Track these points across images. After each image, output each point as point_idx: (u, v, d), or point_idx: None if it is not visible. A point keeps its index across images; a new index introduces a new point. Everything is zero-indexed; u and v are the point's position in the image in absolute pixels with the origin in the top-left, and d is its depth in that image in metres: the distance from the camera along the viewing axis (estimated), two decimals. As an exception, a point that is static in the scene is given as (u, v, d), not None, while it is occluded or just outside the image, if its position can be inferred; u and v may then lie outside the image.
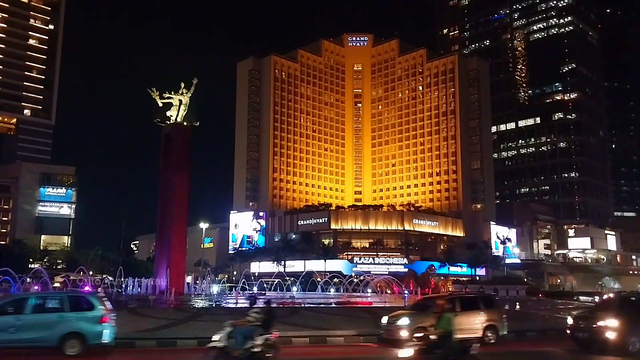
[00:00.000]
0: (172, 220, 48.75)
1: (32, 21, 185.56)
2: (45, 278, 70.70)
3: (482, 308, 25.11)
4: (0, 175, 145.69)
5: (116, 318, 27.30)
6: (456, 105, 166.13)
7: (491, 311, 25.30)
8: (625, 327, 21.48)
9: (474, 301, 26.18)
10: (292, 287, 75.60)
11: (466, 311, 24.11)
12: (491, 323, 24.79)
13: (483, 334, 23.89)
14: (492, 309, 25.53)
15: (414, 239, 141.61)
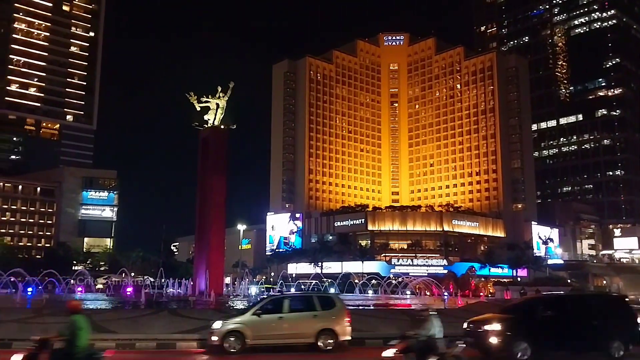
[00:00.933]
0: (210, 222, 49.15)
1: (73, 29, 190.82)
2: (88, 280, 72.38)
3: (318, 309, 21.77)
4: (44, 179, 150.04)
5: (158, 319, 27.54)
6: (495, 103, 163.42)
7: (329, 312, 21.79)
8: (510, 331, 19.14)
9: (306, 301, 22.90)
10: (329, 289, 75.35)
11: (295, 312, 21.54)
12: (328, 327, 21.34)
13: (316, 340, 20.97)
14: (331, 309, 21.93)
15: (454, 240, 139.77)
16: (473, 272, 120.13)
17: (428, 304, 45.89)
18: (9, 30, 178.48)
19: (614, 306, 22.29)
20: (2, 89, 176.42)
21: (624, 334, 20.42)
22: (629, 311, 21.55)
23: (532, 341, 19.13)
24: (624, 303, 22.62)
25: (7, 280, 59.55)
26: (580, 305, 21.79)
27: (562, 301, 22.58)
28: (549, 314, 20.43)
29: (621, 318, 21.05)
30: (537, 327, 19.87)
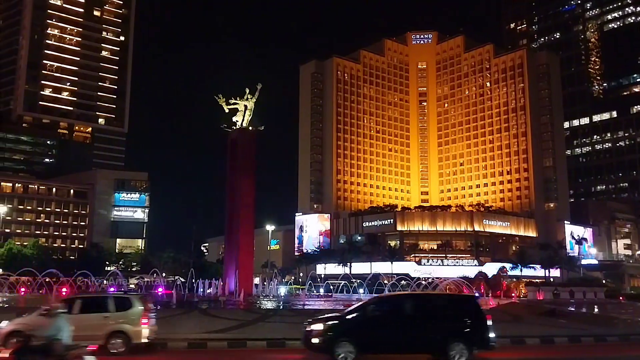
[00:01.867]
0: (239, 222, 49.49)
1: (104, 34, 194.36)
2: (120, 280, 73.51)
3: (111, 310, 20.76)
4: (77, 182, 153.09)
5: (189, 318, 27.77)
6: (526, 101, 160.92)
7: (124, 314, 20.75)
8: (332, 332, 18.69)
9: (99, 302, 21.82)
10: (358, 289, 75.06)
11: (87, 313, 20.54)
12: (120, 329, 20.40)
13: (106, 342, 19.98)
14: (126, 311, 20.85)
15: (484, 240, 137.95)
16: (505, 272, 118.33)
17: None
18: (42, 36, 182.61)
19: (459, 306, 20.39)
20: (36, 93, 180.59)
21: (468, 337, 18.83)
22: (477, 312, 19.54)
23: (356, 342, 18.25)
24: (472, 303, 20.71)
25: (42, 281, 60.89)
26: (418, 305, 20.13)
27: (397, 301, 21.30)
28: (377, 314, 19.46)
29: (467, 319, 19.26)
30: (364, 327, 18.94)
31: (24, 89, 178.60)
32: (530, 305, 44.27)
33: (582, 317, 35.64)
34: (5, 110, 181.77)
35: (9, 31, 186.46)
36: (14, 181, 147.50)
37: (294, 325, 25.51)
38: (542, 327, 29.20)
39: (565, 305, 47.36)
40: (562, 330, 27.70)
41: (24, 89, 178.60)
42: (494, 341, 19.01)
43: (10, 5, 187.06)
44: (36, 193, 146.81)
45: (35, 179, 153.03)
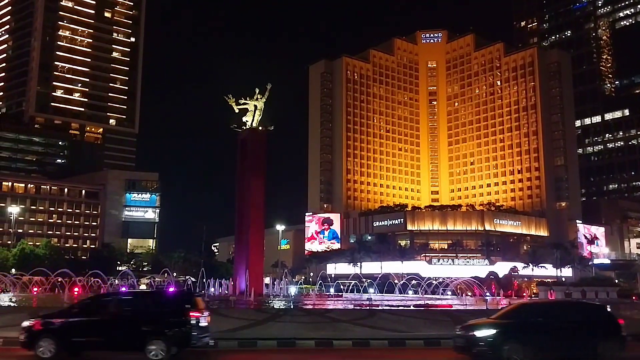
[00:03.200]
0: (249, 222, 49.56)
1: (115, 35, 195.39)
2: (132, 280, 73.91)
3: None
4: (89, 182, 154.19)
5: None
6: (537, 99, 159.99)
7: None
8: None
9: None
10: (368, 289, 74.93)
11: None
12: None
13: None
14: None
15: (495, 240, 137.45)
16: (516, 272, 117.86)
17: (469, 304, 45.25)
18: (54, 37, 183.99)
19: (155, 302, 20.17)
20: (48, 94, 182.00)
21: (169, 334, 18.40)
22: (178, 308, 18.99)
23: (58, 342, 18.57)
24: (179, 299, 20.41)
25: (55, 281, 61.35)
26: (120, 304, 19.97)
27: (94, 302, 21.08)
28: (76, 313, 19.57)
29: (166, 315, 18.79)
30: (65, 326, 18.99)
31: (36, 90, 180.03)
32: None
33: None
34: (18, 112, 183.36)
35: (21, 33, 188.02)
36: (26, 182, 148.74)
37: (305, 325, 25.56)
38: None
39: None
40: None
41: (36, 90, 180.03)
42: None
43: (22, 8, 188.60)
44: (48, 193, 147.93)
45: (47, 180, 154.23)
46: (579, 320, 19.78)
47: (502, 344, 18.46)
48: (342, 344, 23.15)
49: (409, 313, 33.02)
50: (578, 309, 21.65)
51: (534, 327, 19.19)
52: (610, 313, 20.93)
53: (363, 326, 25.59)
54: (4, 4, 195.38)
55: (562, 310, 21.00)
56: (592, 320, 20.04)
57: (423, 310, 36.04)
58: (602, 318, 20.33)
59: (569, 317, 19.87)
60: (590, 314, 20.65)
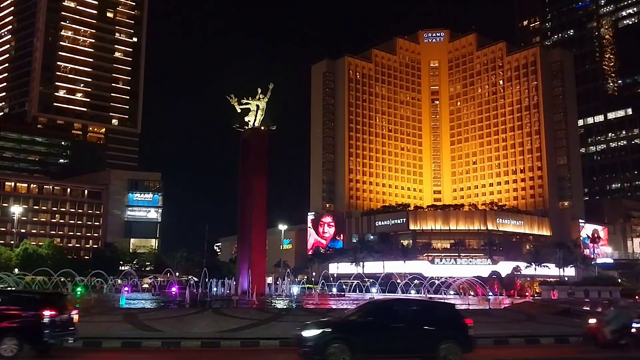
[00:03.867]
0: (252, 222, 49.56)
1: (117, 35, 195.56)
2: (134, 280, 73.99)
3: None
4: (91, 182, 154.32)
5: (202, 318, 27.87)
6: (539, 99, 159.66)
7: None
8: None
9: None
10: (371, 289, 74.92)
11: None
12: None
13: None
14: None
15: (498, 239, 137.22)
16: (518, 271, 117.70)
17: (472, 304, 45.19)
18: (56, 38, 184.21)
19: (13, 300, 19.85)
20: (50, 94, 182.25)
21: (20, 331, 18.37)
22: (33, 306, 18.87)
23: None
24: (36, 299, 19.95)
25: (57, 281, 61.40)
26: None
27: None
28: None
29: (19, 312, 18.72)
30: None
31: (38, 90, 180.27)
32: (544, 305, 43.89)
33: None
34: (21, 112, 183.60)
35: (23, 33, 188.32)
36: (29, 182, 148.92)
37: (307, 324, 25.48)
38: (557, 326, 28.97)
39: (580, 304, 46.89)
40: (577, 329, 27.44)
41: (38, 90, 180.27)
42: None
43: (24, 8, 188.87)
44: (51, 193, 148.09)
45: (50, 180, 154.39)
46: (421, 319, 18.87)
47: (326, 345, 17.44)
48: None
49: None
50: (423, 308, 20.56)
51: (363, 327, 18.23)
52: (458, 312, 20.06)
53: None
54: (6, 4, 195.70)
55: (405, 309, 19.70)
56: (435, 320, 19.09)
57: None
58: (448, 318, 19.37)
59: (410, 316, 18.96)
60: (435, 314, 19.74)
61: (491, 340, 24.88)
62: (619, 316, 21.54)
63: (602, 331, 21.45)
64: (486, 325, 27.29)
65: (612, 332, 21.14)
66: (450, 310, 20.19)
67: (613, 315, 21.75)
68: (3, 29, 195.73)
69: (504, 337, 25.48)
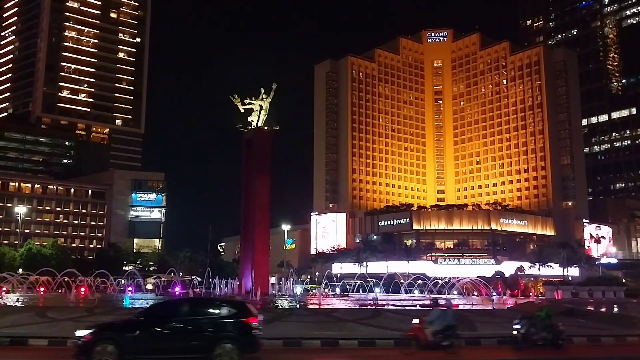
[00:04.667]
0: (255, 222, 49.56)
1: (120, 35, 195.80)
2: (138, 279, 74.03)
3: None
4: (95, 182, 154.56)
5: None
6: (543, 98, 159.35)
7: None
8: None
9: None
10: (374, 289, 74.85)
11: None
12: None
13: None
14: None
15: (502, 239, 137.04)
16: (522, 271, 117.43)
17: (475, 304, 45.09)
18: (60, 38, 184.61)
19: None
20: (54, 95, 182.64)
21: None
22: None
23: None
24: None
25: (61, 280, 61.53)
26: None
27: None
28: None
29: None
30: None
31: (42, 91, 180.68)
32: (548, 305, 43.76)
33: (602, 317, 35.15)
34: (25, 112, 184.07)
35: (27, 34, 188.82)
36: (33, 182, 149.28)
37: (311, 324, 25.51)
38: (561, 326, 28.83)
39: (584, 304, 46.76)
40: (581, 329, 27.34)
41: (42, 91, 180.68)
42: None
43: (28, 9, 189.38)
44: (55, 194, 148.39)
45: (53, 180, 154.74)
46: (199, 319, 18.16)
47: (93, 345, 16.94)
48: (348, 344, 23.10)
49: (415, 313, 32.95)
50: (202, 308, 19.47)
51: (133, 327, 17.76)
52: (242, 312, 18.78)
53: (369, 326, 25.52)
54: (10, 5, 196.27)
55: (182, 309, 18.77)
56: (214, 320, 18.30)
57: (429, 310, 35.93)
58: (229, 318, 18.40)
59: (187, 316, 18.17)
60: (215, 313, 18.72)
61: (495, 341, 24.81)
62: (442, 316, 20.75)
63: (424, 332, 20.52)
64: (490, 326, 27.22)
65: (434, 333, 20.34)
66: (233, 310, 18.93)
67: (436, 315, 20.88)
68: (7, 30, 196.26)
69: (508, 337, 25.38)
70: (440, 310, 21.39)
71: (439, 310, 21.51)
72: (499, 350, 23.36)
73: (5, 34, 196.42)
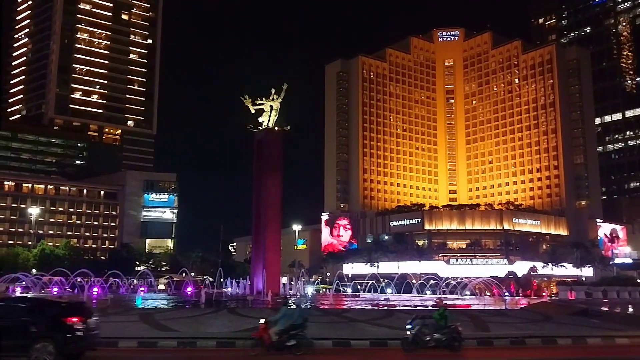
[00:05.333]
0: (266, 222, 49.57)
1: (132, 37, 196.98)
2: (150, 280, 74.38)
3: None
4: (108, 183, 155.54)
5: (217, 318, 27.95)
6: (556, 97, 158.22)
7: None
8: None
9: None
10: (386, 289, 74.59)
11: None
12: None
13: None
14: None
15: (514, 239, 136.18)
16: (535, 271, 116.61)
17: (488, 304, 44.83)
18: (72, 40, 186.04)
19: None
20: (67, 96, 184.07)
21: None
22: None
23: None
24: None
25: (74, 281, 61.94)
26: None
27: None
28: None
29: None
30: None
31: (55, 92, 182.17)
32: (561, 305, 43.34)
33: (616, 317, 34.79)
34: (38, 114, 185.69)
35: (40, 36, 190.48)
36: (46, 183, 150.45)
37: (322, 324, 25.45)
38: (574, 327, 28.58)
39: (598, 304, 46.31)
40: (595, 330, 27.06)
41: (55, 92, 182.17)
42: None
43: (41, 11, 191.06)
44: (67, 194, 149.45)
45: (66, 181, 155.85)
46: (18, 318, 17.60)
47: None
48: (360, 344, 23.03)
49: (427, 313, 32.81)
50: (23, 306, 18.75)
51: None
52: (61, 311, 18.17)
53: (380, 326, 25.43)
54: (23, 8, 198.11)
55: (2, 307, 18.35)
56: (34, 318, 17.68)
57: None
58: (50, 316, 17.88)
59: (7, 314, 17.72)
60: (36, 311, 18.13)
61: (508, 341, 24.63)
62: (288, 315, 20.29)
63: (268, 332, 20.17)
64: (503, 326, 27.04)
65: (279, 333, 20.03)
66: (53, 309, 18.51)
67: (281, 315, 20.54)
68: (20, 32, 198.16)
69: (520, 337, 25.18)
70: (286, 309, 21.04)
71: (286, 308, 21.16)
72: (511, 351, 23.16)
73: (19, 36, 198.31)
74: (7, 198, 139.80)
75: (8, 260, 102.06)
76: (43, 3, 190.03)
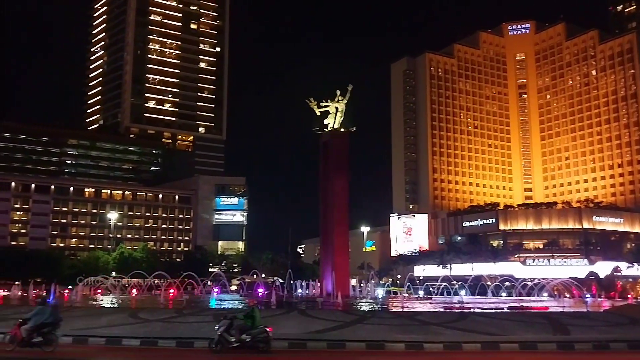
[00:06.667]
0: (333, 224, 49.27)
1: (201, 46, 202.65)
2: (223, 281, 75.85)
3: None
4: (181, 188, 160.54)
5: (288, 319, 27.93)
6: (637, 88, 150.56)
7: None
8: None
9: None
10: (459, 291, 72.69)
11: None
12: None
13: None
14: None
15: (595, 238, 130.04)
16: (619, 272, 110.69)
17: (567, 306, 42.65)
18: (144, 51, 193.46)
19: None
20: (141, 106, 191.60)
21: None
22: None
23: None
24: None
25: (152, 282, 64.04)
26: None
27: None
28: None
29: None
30: None
31: (130, 102, 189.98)
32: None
33: None
34: (114, 123, 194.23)
35: (114, 48, 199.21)
36: (123, 189, 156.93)
37: (394, 327, 24.89)
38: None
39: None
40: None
41: (130, 102, 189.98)
42: None
43: (115, 24, 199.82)
44: (144, 200, 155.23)
45: (143, 187, 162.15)
46: None
47: None
48: (433, 347, 22.43)
49: (503, 315, 31.60)
50: None
51: None
52: None
53: (454, 329, 24.60)
54: (98, 22, 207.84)
55: None
56: None
57: (518, 313, 34.31)
58: None
59: None
60: None
61: (590, 345, 23.23)
62: (40, 314, 20.48)
63: (20, 329, 20.43)
64: (584, 329, 25.56)
65: (29, 331, 20.32)
66: None
67: (34, 312, 20.76)
68: (96, 46, 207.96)
69: (604, 341, 23.65)
70: (39, 307, 21.09)
71: (39, 307, 21.17)
72: (594, 355, 21.78)
73: (95, 49, 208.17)
74: (88, 204, 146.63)
75: (90, 263, 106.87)
76: (117, 16, 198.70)
